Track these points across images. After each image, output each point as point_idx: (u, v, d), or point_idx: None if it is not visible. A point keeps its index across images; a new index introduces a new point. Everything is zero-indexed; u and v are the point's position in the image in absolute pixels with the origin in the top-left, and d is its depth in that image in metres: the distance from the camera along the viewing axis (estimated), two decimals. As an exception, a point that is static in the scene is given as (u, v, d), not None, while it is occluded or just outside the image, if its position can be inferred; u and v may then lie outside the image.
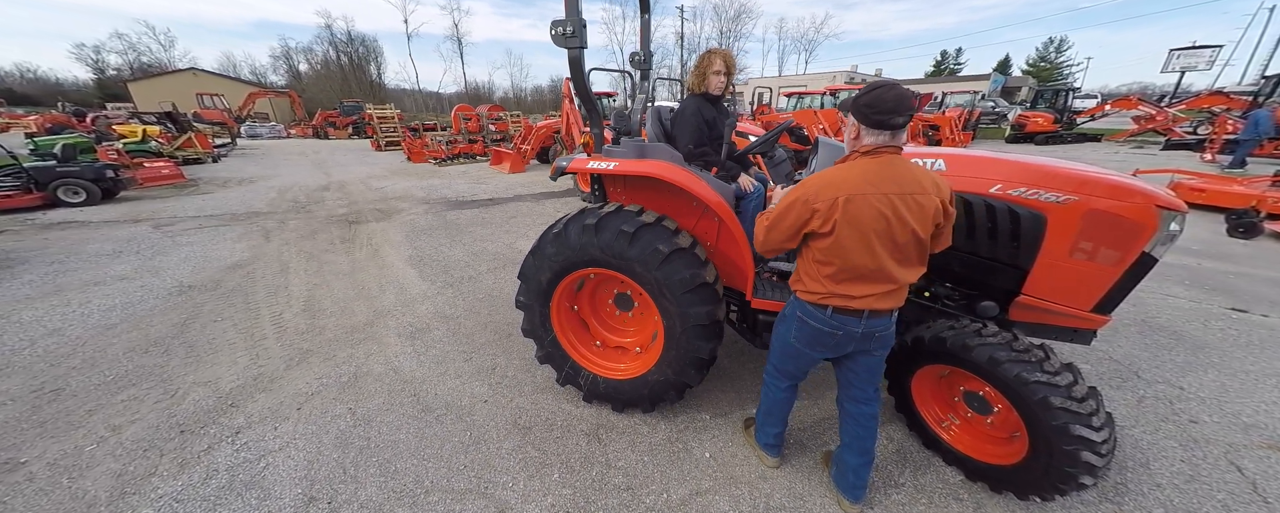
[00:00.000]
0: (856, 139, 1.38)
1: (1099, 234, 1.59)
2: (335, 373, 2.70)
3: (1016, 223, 1.74)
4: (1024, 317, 1.89)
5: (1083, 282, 1.67)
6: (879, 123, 1.30)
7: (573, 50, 1.87)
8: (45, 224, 6.07)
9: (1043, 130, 15.83)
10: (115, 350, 2.92)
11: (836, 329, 1.47)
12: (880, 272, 1.37)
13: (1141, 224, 1.52)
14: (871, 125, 1.32)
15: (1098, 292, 1.66)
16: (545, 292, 2.15)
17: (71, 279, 4.11)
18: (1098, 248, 1.60)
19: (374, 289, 3.99)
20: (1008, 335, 1.68)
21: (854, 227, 1.32)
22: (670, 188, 2.00)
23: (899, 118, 1.28)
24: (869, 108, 1.30)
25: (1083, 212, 1.59)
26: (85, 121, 16.89)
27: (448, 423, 2.26)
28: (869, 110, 1.30)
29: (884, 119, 1.29)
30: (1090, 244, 1.61)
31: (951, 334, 1.74)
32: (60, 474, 1.92)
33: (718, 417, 2.30)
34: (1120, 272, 1.60)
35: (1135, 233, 1.54)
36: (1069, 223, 1.62)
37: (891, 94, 1.27)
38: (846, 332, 1.47)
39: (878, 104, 1.29)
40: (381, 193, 8.56)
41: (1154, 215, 1.50)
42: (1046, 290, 1.75)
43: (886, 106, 1.27)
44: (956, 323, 1.80)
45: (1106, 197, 1.56)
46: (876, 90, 1.30)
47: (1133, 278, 1.62)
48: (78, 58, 47.27)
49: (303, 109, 27.82)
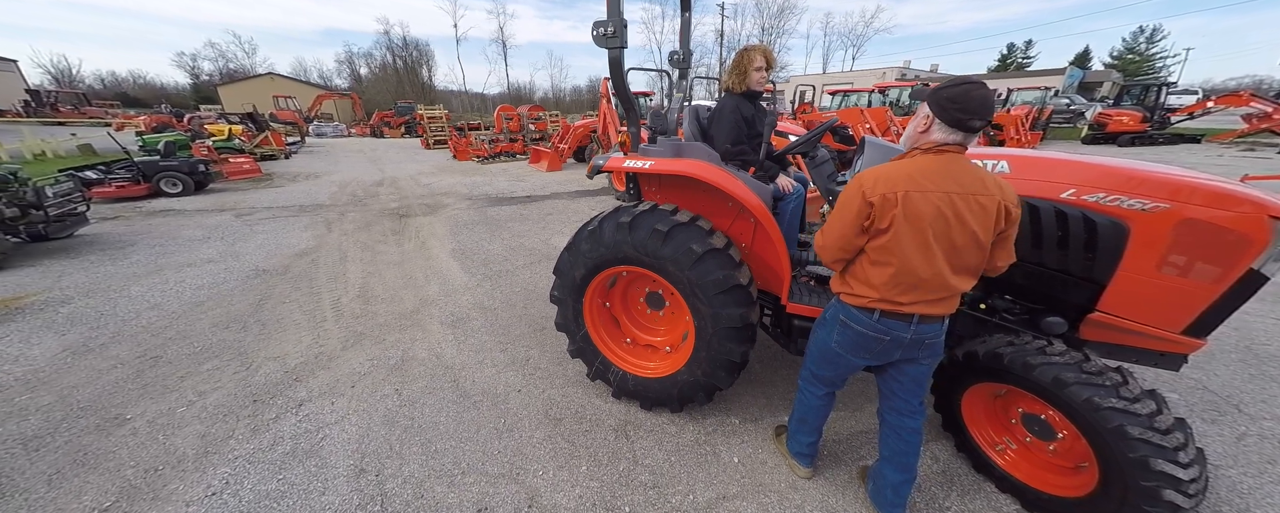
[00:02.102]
0: (924, 133, 1.30)
1: (1195, 247, 1.41)
2: (385, 355, 2.90)
3: (1092, 232, 1.58)
4: (1097, 336, 1.71)
5: (1173, 300, 1.48)
6: (957, 122, 1.22)
7: (613, 51, 1.90)
8: (150, 211, 6.93)
9: (1127, 130, 14.17)
10: (203, 325, 3.29)
11: (883, 334, 1.40)
12: (936, 277, 1.29)
13: (1249, 237, 1.33)
14: (949, 122, 1.24)
15: (1191, 312, 1.47)
16: (579, 287, 2.20)
17: (170, 260, 4.67)
18: (1193, 263, 1.42)
19: (420, 279, 4.24)
20: (1077, 355, 1.53)
21: (912, 224, 1.25)
22: (706, 188, 1.98)
23: (979, 121, 1.21)
24: (952, 103, 1.22)
25: (1175, 221, 1.41)
26: (183, 121, 19.12)
27: (484, 409, 2.36)
28: (951, 106, 1.22)
29: (964, 119, 1.21)
30: (1183, 258, 1.43)
31: (1011, 351, 1.61)
32: (157, 431, 2.19)
33: (748, 422, 2.25)
34: (1220, 291, 1.41)
35: (1241, 247, 1.35)
36: (1157, 234, 1.44)
37: (979, 94, 1.20)
38: (894, 337, 1.40)
39: (962, 101, 1.20)
40: (429, 188, 9.07)
41: (1266, 227, 1.31)
42: (1127, 308, 1.58)
43: (971, 106, 1.20)
44: (1016, 339, 1.66)
45: (1206, 205, 1.38)
46: (964, 86, 1.21)
47: (1236, 298, 1.42)
48: (178, 64, 53.65)
49: (362, 110, 29.97)
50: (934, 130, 1.27)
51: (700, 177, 1.92)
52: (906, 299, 1.33)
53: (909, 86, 13.67)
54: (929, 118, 1.28)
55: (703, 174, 1.91)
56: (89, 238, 5.40)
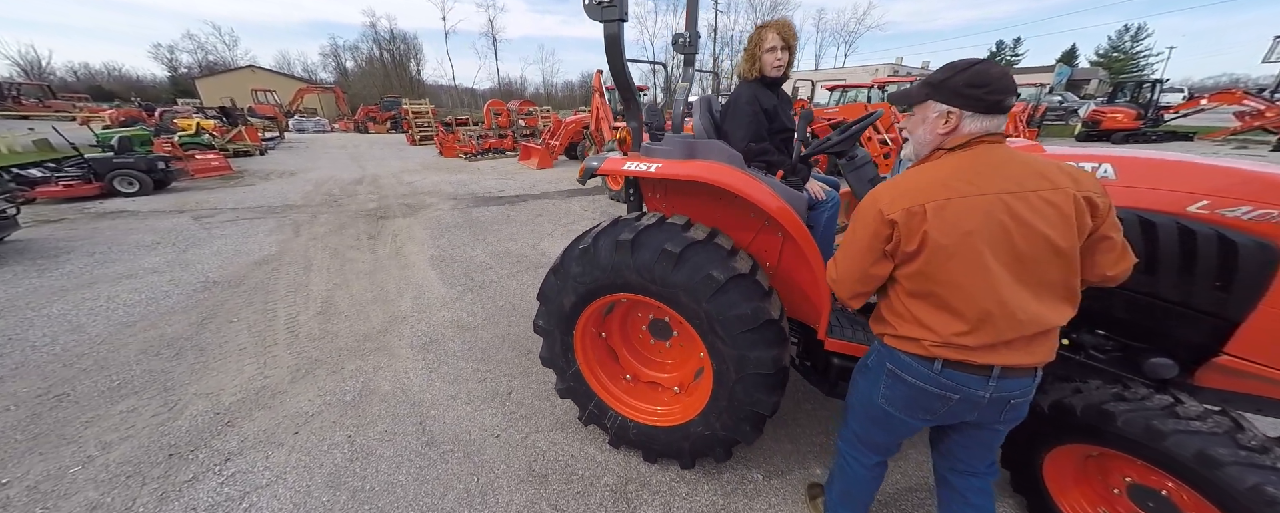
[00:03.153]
0: (951, 132, 1.02)
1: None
2: (340, 389, 2.46)
3: (1230, 256, 1.22)
4: (1219, 384, 1.36)
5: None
6: (995, 104, 0.98)
7: (610, 24, 1.52)
8: (99, 213, 6.33)
9: (1122, 127, 14.12)
10: (129, 351, 2.82)
11: (949, 391, 1.04)
12: (1008, 305, 0.95)
13: None
14: (985, 110, 0.99)
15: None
16: (569, 318, 1.79)
17: (107, 271, 4.15)
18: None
19: (392, 291, 3.79)
20: (1224, 421, 1.17)
21: (955, 238, 0.94)
22: (723, 194, 1.59)
23: (1011, 98, 0.99)
24: (975, 87, 0.97)
25: None
26: (153, 115, 18.16)
27: (453, 463, 1.95)
28: (977, 90, 0.97)
29: (998, 100, 0.97)
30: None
31: (1126, 410, 1.25)
32: (35, 503, 1.74)
33: (773, 477, 1.88)
34: None
35: None
36: None
37: (995, 68, 0.99)
38: (965, 396, 1.04)
39: (985, 81, 0.96)
40: (411, 187, 8.55)
41: None
42: (1267, 352, 1.23)
43: (996, 83, 0.96)
44: (1127, 391, 1.31)
45: None
46: (974, 67, 0.98)
47: None
48: (155, 57, 51.52)
49: (346, 104, 29.00)
50: (965, 124, 1.00)
51: (723, 183, 1.52)
52: (977, 342, 0.98)
53: (909, 82, 13.38)
54: (951, 113, 1.00)
55: (727, 181, 1.51)
56: (20, 245, 4.83)
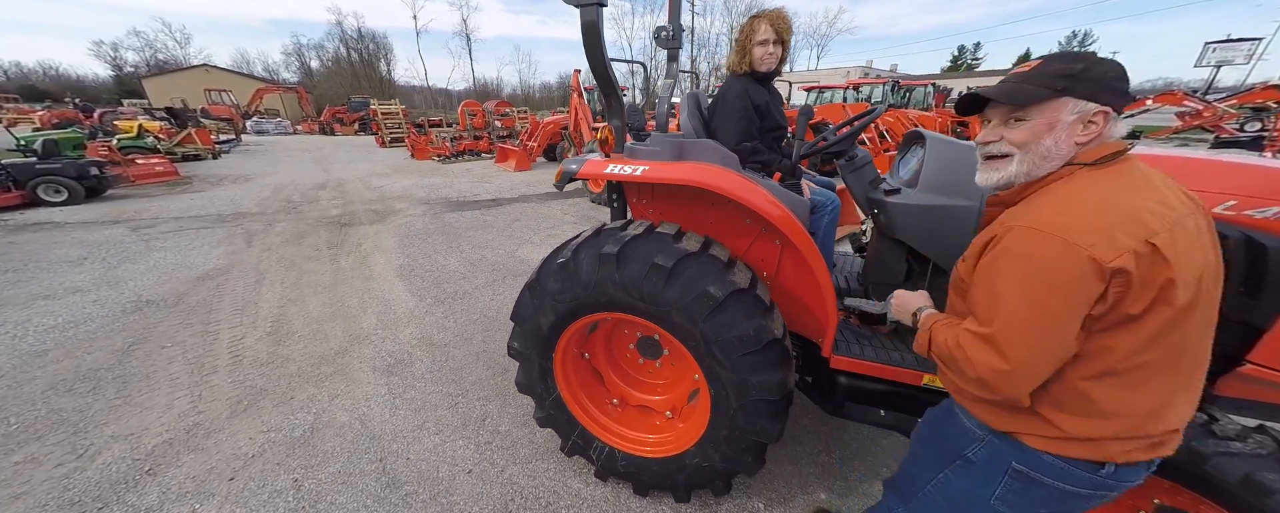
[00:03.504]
0: (1092, 139, 0.81)
1: None
2: (288, 423, 2.18)
3: (1259, 259, 1.14)
4: (1240, 393, 1.28)
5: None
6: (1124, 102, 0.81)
7: (587, 9, 1.34)
8: (18, 226, 5.67)
9: (1078, 128, 14.89)
10: (35, 387, 2.43)
11: (1106, 491, 0.85)
12: (1199, 366, 0.81)
13: None
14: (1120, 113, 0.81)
15: None
16: (547, 340, 1.59)
17: (19, 292, 3.65)
18: None
19: (355, 307, 3.48)
20: (1267, 441, 1.08)
21: (1192, 281, 0.72)
22: (716, 199, 1.43)
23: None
24: (1123, 79, 0.80)
25: None
26: (92, 117, 16.77)
27: (417, 507, 1.72)
28: (1121, 84, 0.80)
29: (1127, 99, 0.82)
30: None
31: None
32: (-116, 590, 1.41)
33: (775, 505, 1.73)
34: None
35: None
36: None
37: (1111, 61, 0.82)
38: (1117, 490, 0.85)
39: (1124, 73, 0.80)
40: (380, 192, 8.09)
41: None
42: (1294, 361, 1.15)
43: (1125, 80, 0.81)
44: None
45: None
46: (1099, 60, 0.81)
47: None
48: (96, 55, 47.96)
49: (311, 105, 27.64)
50: (1110, 128, 0.81)
51: (719, 188, 1.35)
52: (1180, 422, 0.81)
53: (880, 83, 13.59)
54: (1099, 114, 0.79)
55: (723, 185, 1.34)
56: (-85, 263, 4.24)
